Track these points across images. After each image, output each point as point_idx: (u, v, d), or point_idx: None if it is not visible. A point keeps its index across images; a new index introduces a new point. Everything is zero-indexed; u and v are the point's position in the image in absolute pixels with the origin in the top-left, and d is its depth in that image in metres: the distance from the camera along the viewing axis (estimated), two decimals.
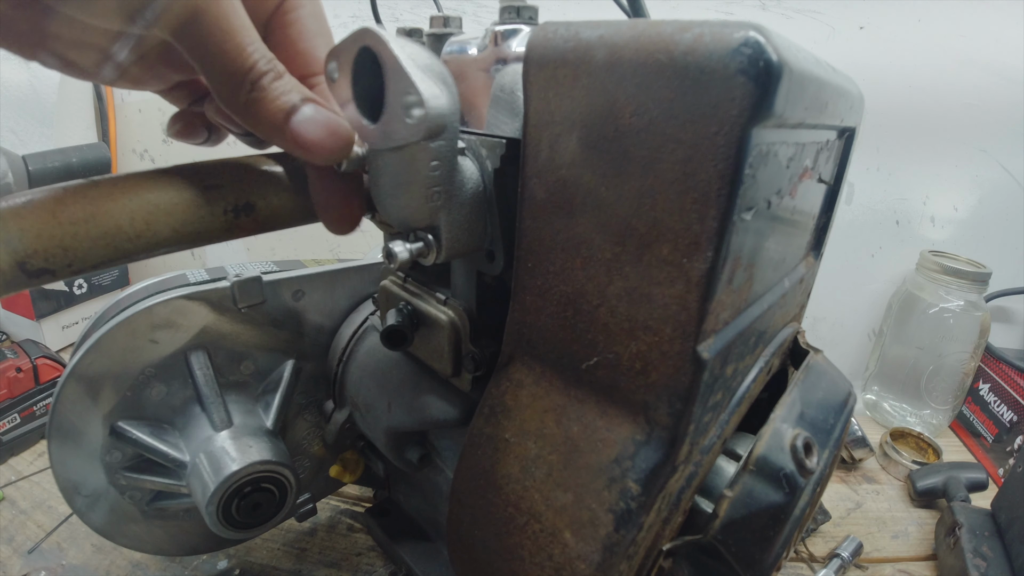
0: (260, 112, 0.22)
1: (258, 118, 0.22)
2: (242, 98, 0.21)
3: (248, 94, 0.21)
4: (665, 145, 0.21)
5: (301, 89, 0.22)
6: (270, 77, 0.21)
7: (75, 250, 0.21)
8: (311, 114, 0.22)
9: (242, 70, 0.21)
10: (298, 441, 0.49)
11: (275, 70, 0.22)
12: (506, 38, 0.31)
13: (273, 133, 0.22)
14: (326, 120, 0.22)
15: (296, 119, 0.22)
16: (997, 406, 0.76)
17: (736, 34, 0.18)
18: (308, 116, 0.22)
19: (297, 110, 0.22)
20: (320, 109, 0.22)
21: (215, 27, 0.20)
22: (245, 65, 0.21)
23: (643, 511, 0.24)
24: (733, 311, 0.25)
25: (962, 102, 0.79)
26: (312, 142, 0.22)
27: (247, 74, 0.21)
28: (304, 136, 0.22)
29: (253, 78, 0.21)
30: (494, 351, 0.33)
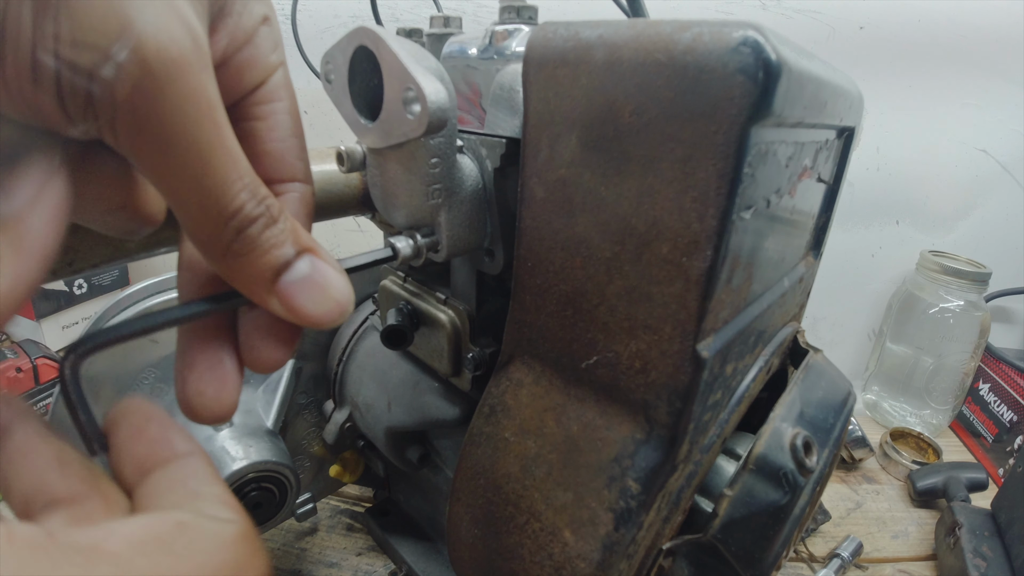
0: (243, 266, 0.17)
1: (239, 272, 0.17)
2: (222, 246, 0.17)
3: (230, 243, 0.16)
4: (664, 144, 0.21)
5: (297, 236, 0.18)
6: (261, 224, 0.17)
7: (75, 249, 0.21)
8: (307, 273, 0.18)
9: (225, 212, 0.16)
10: (298, 441, 0.49)
11: (268, 213, 0.17)
12: (506, 38, 0.31)
13: (257, 292, 0.18)
14: (324, 280, 0.18)
15: (287, 278, 0.18)
16: (997, 406, 0.76)
17: (735, 33, 0.18)
18: (303, 275, 0.18)
19: (290, 266, 0.18)
20: (318, 265, 0.18)
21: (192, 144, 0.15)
22: (230, 207, 0.16)
23: (643, 510, 0.24)
24: (732, 310, 0.25)
25: (961, 101, 0.79)
26: (303, 309, 0.18)
27: (231, 219, 0.16)
28: (295, 302, 0.18)
29: (239, 225, 0.16)
30: (494, 350, 0.33)
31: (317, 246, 0.19)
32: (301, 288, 0.18)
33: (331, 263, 0.19)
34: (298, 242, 0.18)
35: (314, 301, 0.18)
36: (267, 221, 0.17)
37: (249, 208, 0.16)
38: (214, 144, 0.15)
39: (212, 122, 0.15)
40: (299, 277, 0.18)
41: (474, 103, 0.33)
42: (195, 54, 0.14)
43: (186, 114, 0.14)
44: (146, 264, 0.90)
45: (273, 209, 0.17)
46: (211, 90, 0.15)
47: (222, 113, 0.15)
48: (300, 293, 0.18)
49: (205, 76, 0.15)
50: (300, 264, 0.18)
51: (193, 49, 0.14)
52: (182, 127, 0.14)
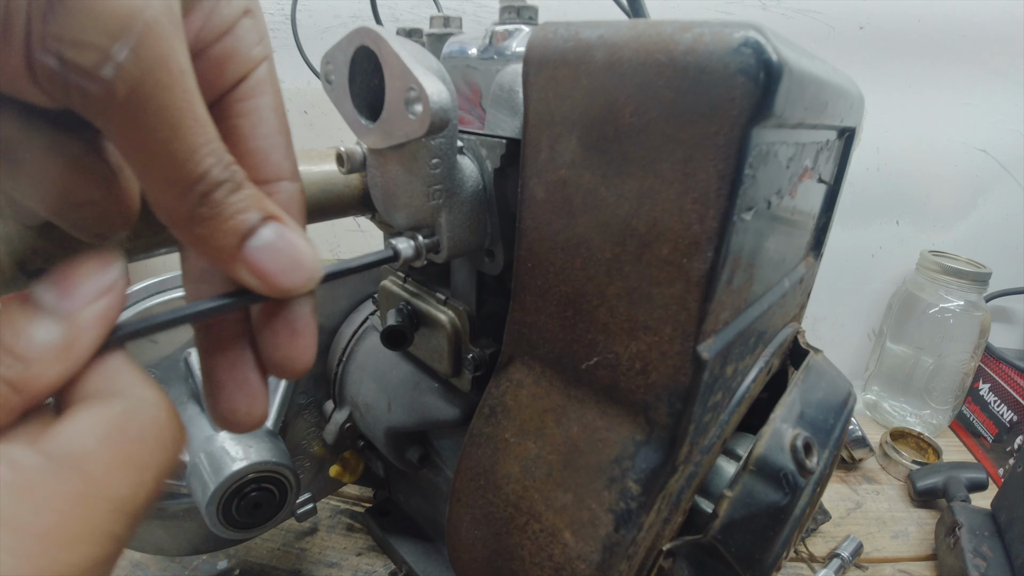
0: (208, 232, 0.17)
1: (205, 239, 0.17)
2: (186, 212, 0.16)
3: (195, 208, 0.16)
4: (665, 145, 0.21)
5: (262, 203, 0.18)
6: (226, 189, 0.17)
7: (76, 249, 0.21)
8: (272, 239, 0.18)
9: (190, 177, 0.16)
10: (298, 441, 0.49)
11: (233, 179, 0.17)
12: (506, 38, 0.31)
13: (223, 259, 0.18)
14: (290, 247, 0.18)
15: (253, 244, 0.17)
16: (997, 406, 0.76)
17: (736, 34, 0.18)
18: (268, 241, 0.17)
19: (255, 232, 0.17)
20: (284, 231, 0.18)
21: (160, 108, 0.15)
22: (195, 171, 0.16)
23: (643, 511, 0.24)
24: (733, 311, 0.25)
25: (962, 101, 0.79)
26: (271, 275, 0.18)
27: (196, 183, 0.16)
28: (261, 267, 0.17)
29: (204, 189, 0.16)
30: (494, 351, 0.33)
31: (283, 214, 0.18)
32: (267, 254, 0.17)
33: (296, 231, 0.18)
34: (264, 208, 0.18)
35: (281, 267, 0.18)
36: (232, 186, 0.17)
37: (215, 172, 0.16)
38: (183, 109, 0.15)
39: (182, 88, 0.15)
40: (265, 243, 0.17)
41: (474, 103, 0.33)
42: (167, 18, 0.14)
43: (156, 79, 0.14)
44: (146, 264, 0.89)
45: (238, 175, 0.17)
46: (181, 56, 0.15)
47: (192, 79, 0.15)
48: (267, 259, 0.17)
49: (176, 41, 0.15)
50: (265, 230, 0.18)
51: (165, 13, 0.14)
52: (152, 92, 0.14)
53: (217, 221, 0.17)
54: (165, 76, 0.14)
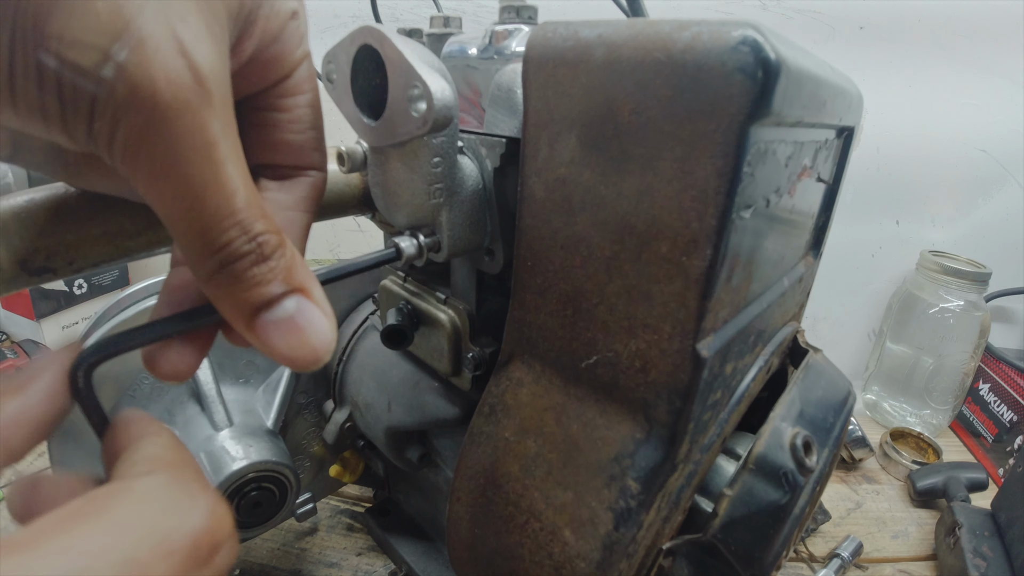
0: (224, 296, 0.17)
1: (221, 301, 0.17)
2: (206, 274, 0.16)
3: (214, 274, 0.16)
4: (664, 143, 0.21)
5: (290, 272, 0.17)
6: (248, 262, 0.16)
7: (76, 248, 0.22)
8: (289, 313, 0.17)
9: (211, 247, 0.16)
10: (298, 441, 0.49)
11: (257, 251, 0.16)
12: (506, 38, 0.31)
13: (235, 322, 0.17)
14: (306, 326, 0.17)
15: (268, 316, 0.17)
16: (997, 406, 0.76)
17: (734, 32, 0.18)
18: (285, 316, 0.17)
19: (274, 304, 0.17)
20: (305, 306, 0.17)
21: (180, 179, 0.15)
22: (216, 243, 0.16)
23: (643, 509, 0.24)
24: (732, 309, 0.25)
25: (962, 101, 0.79)
26: (277, 351, 0.17)
27: (217, 252, 0.16)
28: (271, 343, 0.17)
29: (224, 259, 0.16)
30: (494, 350, 0.33)
31: (312, 285, 0.18)
32: (279, 328, 0.17)
33: (321, 306, 0.18)
34: (290, 281, 0.17)
35: (289, 344, 0.17)
36: (256, 258, 0.16)
37: (237, 244, 0.16)
38: (207, 181, 0.15)
39: (208, 159, 0.15)
40: (280, 317, 0.17)
41: (474, 103, 0.33)
42: (194, 93, 0.14)
43: (179, 152, 0.14)
44: (146, 264, 0.90)
45: (266, 247, 0.17)
46: (212, 128, 0.15)
47: (223, 148, 0.15)
48: (277, 333, 0.17)
49: (205, 114, 0.15)
50: (286, 304, 0.17)
51: (193, 88, 0.14)
52: (174, 163, 0.14)
53: (234, 290, 0.17)
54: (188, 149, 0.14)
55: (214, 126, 0.15)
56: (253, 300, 0.17)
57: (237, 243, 0.16)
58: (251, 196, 0.16)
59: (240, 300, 0.17)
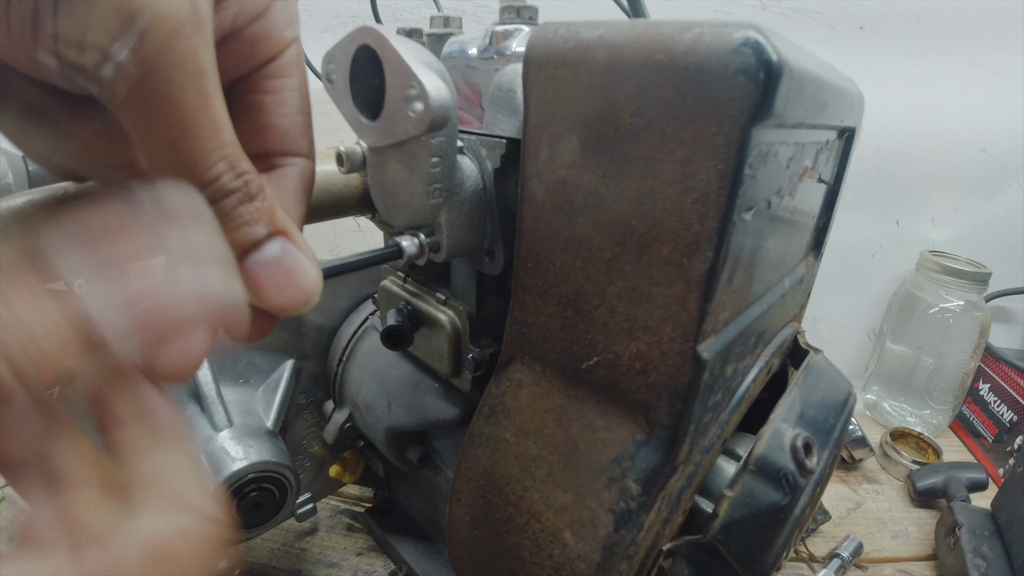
0: None
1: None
2: None
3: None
4: (665, 145, 0.21)
5: (272, 217, 0.17)
6: (235, 199, 0.16)
7: None
8: (276, 255, 0.17)
9: (198, 181, 0.16)
10: (298, 441, 0.49)
11: (244, 189, 0.16)
12: (506, 38, 0.31)
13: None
14: (292, 266, 0.18)
15: (256, 258, 0.17)
16: (997, 406, 0.76)
17: (736, 34, 0.18)
18: (271, 258, 0.17)
19: (260, 246, 0.17)
20: (290, 249, 0.18)
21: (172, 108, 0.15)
22: (204, 176, 0.16)
23: (643, 511, 0.24)
24: (733, 311, 0.25)
25: (962, 101, 0.79)
26: (266, 291, 0.17)
27: (204, 188, 0.16)
28: (258, 282, 0.17)
29: (211, 195, 0.16)
30: (494, 351, 0.33)
31: (293, 229, 0.18)
32: (267, 270, 0.17)
33: (303, 248, 0.18)
34: (272, 223, 0.17)
35: (278, 286, 0.17)
36: (243, 196, 0.16)
37: (225, 180, 0.16)
38: (197, 110, 0.15)
39: (198, 89, 0.15)
40: (267, 258, 0.17)
41: (474, 103, 0.33)
42: (189, 18, 0.14)
43: (171, 78, 0.14)
44: None
45: (251, 186, 0.17)
46: (202, 56, 0.15)
47: (212, 81, 0.15)
48: (265, 275, 0.17)
49: (197, 41, 0.15)
50: (271, 245, 0.17)
51: (188, 13, 0.14)
52: (166, 90, 0.14)
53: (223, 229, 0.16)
54: (179, 75, 0.14)
55: (205, 56, 0.15)
56: (241, 240, 0.17)
57: (225, 178, 0.16)
58: (234, 134, 0.16)
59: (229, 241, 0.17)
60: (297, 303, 0.18)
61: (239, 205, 0.16)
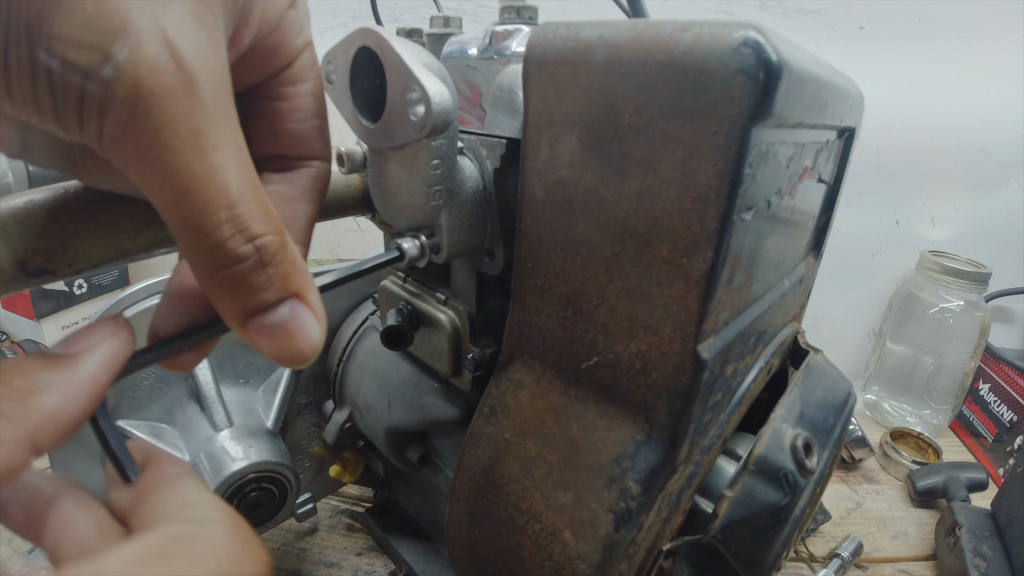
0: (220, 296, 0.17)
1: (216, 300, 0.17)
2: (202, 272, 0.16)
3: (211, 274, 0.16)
4: (665, 145, 0.21)
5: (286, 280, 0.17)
6: (247, 267, 0.16)
7: (75, 249, 0.21)
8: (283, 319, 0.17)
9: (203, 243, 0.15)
10: (298, 441, 0.49)
11: (255, 256, 0.16)
12: (506, 38, 0.31)
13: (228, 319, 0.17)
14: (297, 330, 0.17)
15: (261, 320, 0.17)
16: (997, 406, 0.76)
17: (736, 34, 0.18)
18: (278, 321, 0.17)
19: (268, 312, 0.17)
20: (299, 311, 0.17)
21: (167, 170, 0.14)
22: (208, 239, 0.15)
23: (643, 511, 0.24)
24: (733, 311, 0.25)
25: (962, 101, 0.79)
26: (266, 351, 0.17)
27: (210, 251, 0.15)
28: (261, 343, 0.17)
29: (219, 261, 0.15)
30: (494, 351, 0.33)
31: (308, 290, 0.18)
32: (270, 331, 0.17)
33: (315, 310, 0.18)
34: (286, 287, 0.17)
35: (279, 346, 0.17)
36: (254, 264, 0.16)
37: (232, 245, 0.15)
38: (195, 171, 0.14)
39: (195, 148, 0.14)
40: (273, 322, 0.17)
41: (474, 103, 0.33)
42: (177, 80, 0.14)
43: (163, 141, 0.14)
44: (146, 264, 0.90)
45: (265, 252, 0.16)
46: (197, 116, 0.14)
47: (213, 138, 0.15)
48: (267, 336, 0.17)
49: (189, 102, 0.14)
50: (281, 310, 0.17)
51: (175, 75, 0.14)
52: (160, 153, 0.14)
53: (231, 294, 0.16)
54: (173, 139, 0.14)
55: (200, 114, 0.14)
56: (248, 306, 0.17)
57: (232, 243, 0.15)
58: (248, 189, 0.15)
59: (235, 304, 0.16)
60: (293, 362, 0.18)
61: (249, 274, 0.16)
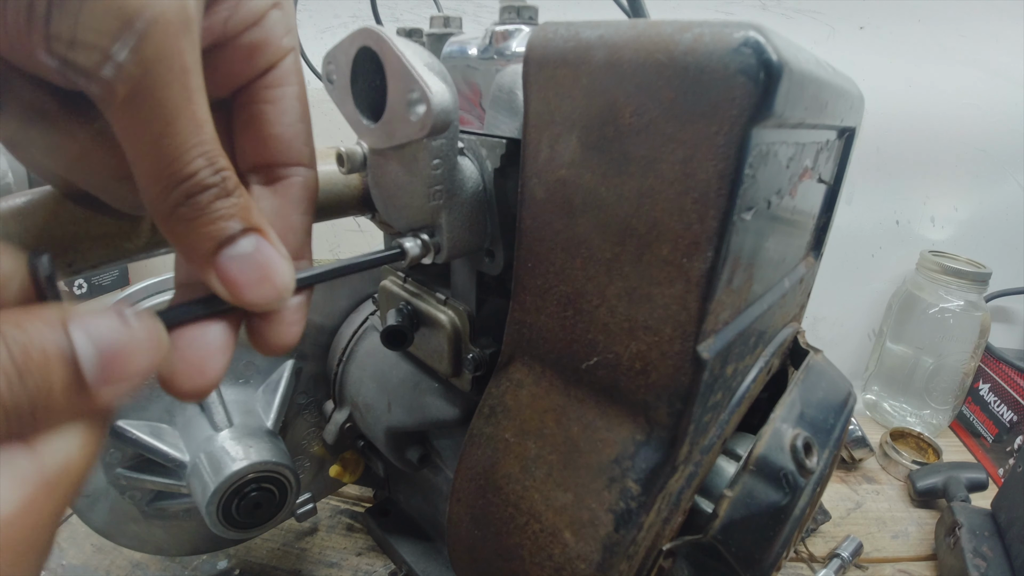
0: (186, 232, 0.17)
1: (182, 238, 0.17)
2: (168, 208, 0.16)
3: (177, 206, 0.16)
4: (665, 145, 0.21)
5: (248, 213, 0.17)
6: (211, 194, 0.16)
7: (75, 249, 0.21)
8: (248, 250, 0.17)
9: (177, 175, 0.16)
10: (298, 441, 0.49)
11: (221, 185, 0.17)
12: (506, 38, 0.31)
13: (196, 261, 0.17)
14: (265, 262, 0.18)
15: (228, 252, 0.17)
16: (997, 406, 0.76)
17: (736, 34, 0.18)
18: (244, 253, 0.17)
19: (232, 241, 0.17)
20: (263, 245, 0.18)
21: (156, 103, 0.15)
22: (183, 171, 0.16)
23: (643, 511, 0.24)
24: (733, 311, 0.25)
25: (962, 102, 0.79)
26: (238, 286, 0.17)
27: (182, 182, 0.16)
28: (230, 276, 0.17)
29: (188, 189, 0.16)
30: (494, 351, 0.33)
31: (267, 228, 0.18)
32: (240, 265, 0.17)
33: (278, 247, 0.18)
34: (247, 219, 0.17)
35: (251, 281, 0.17)
36: (219, 192, 0.17)
37: (204, 175, 0.16)
38: (179, 106, 0.15)
39: (182, 85, 0.15)
40: (240, 253, 0.17)
41: (474, 103, 0.33)
42: (176, 15, 0.15)
43: (156, 73, 0.15)
44: (146, 264, 0.90)
45: (228, 182, 0.17)
46: (188, 55, 0.15)
47: (195, 78, 0.16)
48: (238, 270, 0.17)
49: (184, 41, 0.15)
50: (244, 241, 0.17)
51: (175, 11, 0.15)
52: (154, 88, 0.15)
53: (196, 223, 0.17)
54: (165, 72, 0.15)
55: (190, 54, 0.15)
56: (215, 234, 0.17)
57: (203, 172, 0.16)
58: (213, 130, 0.16)
59: (202, 235, 0.17)
60: (269, 298, 0.18)
61: (215, 200, 0.17)
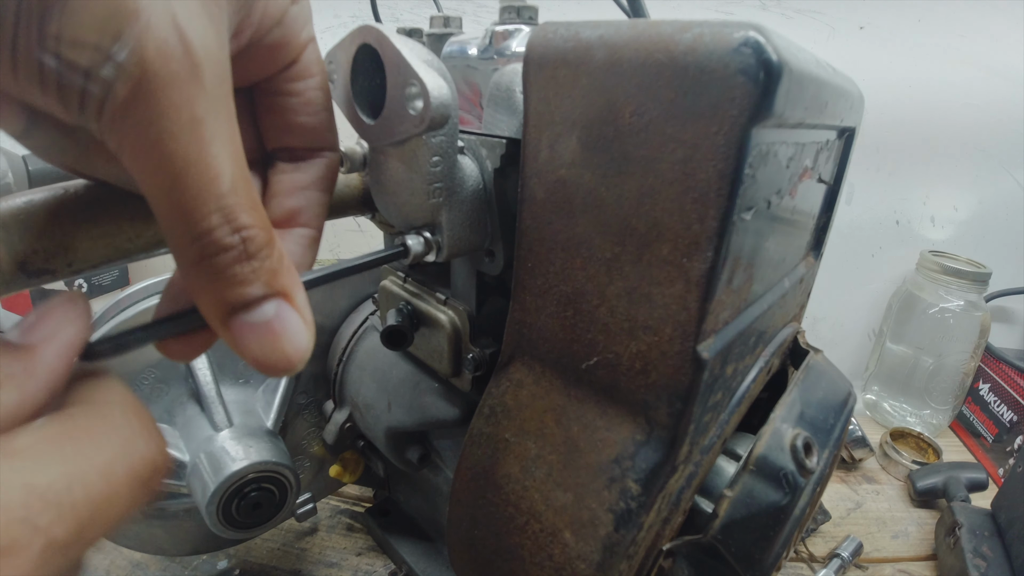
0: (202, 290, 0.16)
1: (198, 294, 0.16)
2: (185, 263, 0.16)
3: (195, 264, 0.15)
4: (665, 145, 0.21)
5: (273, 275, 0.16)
6: (230, 257, 0.15)
7: (75, 249, 0.21)
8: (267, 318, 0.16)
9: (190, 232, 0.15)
10: (298, 441, 0.49)
11: (240, 247, 0.15)
12: (506, 38, 0.31)
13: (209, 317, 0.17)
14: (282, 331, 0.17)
15: (245, 318, 0.16)
16: (997, 406, 0.76)
17: (736, 34, 0.18)
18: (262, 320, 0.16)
19: (253, 307, 0.16)
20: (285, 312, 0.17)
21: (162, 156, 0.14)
22: (195, 228, 0.15)
23: (643, 511, 0.24)
24: (733, 311, 0.25)
25: (962, 101, 0.79)
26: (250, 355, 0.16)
27: (196, 240, 0.15)
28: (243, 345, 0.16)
29: (203, 249, 0.15)
30: (494, 351, 0.33)
31: (296, 291, 0.17)
32: (254, 332, 0.16)
33: (302, 313, 0.17)
34: (272, 284, 0.16)
35: (263, 349, 0.16)
36: (239, 255, 0.15)
37: (219, 234, 0.15)
38: (190, 159, 0.14)
39: (193, 136, 0.14)
40: (257, 320, 0.16)
41: (474, 103, 0.33)
42: (183, 67, 0.14)
43: (163, 126, 0.14)
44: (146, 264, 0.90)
45: (251, 243, 0.16)
46: (199, 105, 0.14)
47: (211, 129, 0.15)
48: (251, 336, 0.16)
49: (193, 89, 0.14)
50: (266, 307, 0.16)
51: (182, 61, 0.14)
52: (158, 137, 0.14)
53: (213, 285, 0.16)
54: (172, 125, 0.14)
55: (201, 103, 0.14)
56: (231, 299, 0.16)
57: (219, 232, 0.15)
58: (239, 182, 0.15)
59: (217, 297, 0.16)
60: (279, 368, 0.17)
61: (233, 264, 0.15)
